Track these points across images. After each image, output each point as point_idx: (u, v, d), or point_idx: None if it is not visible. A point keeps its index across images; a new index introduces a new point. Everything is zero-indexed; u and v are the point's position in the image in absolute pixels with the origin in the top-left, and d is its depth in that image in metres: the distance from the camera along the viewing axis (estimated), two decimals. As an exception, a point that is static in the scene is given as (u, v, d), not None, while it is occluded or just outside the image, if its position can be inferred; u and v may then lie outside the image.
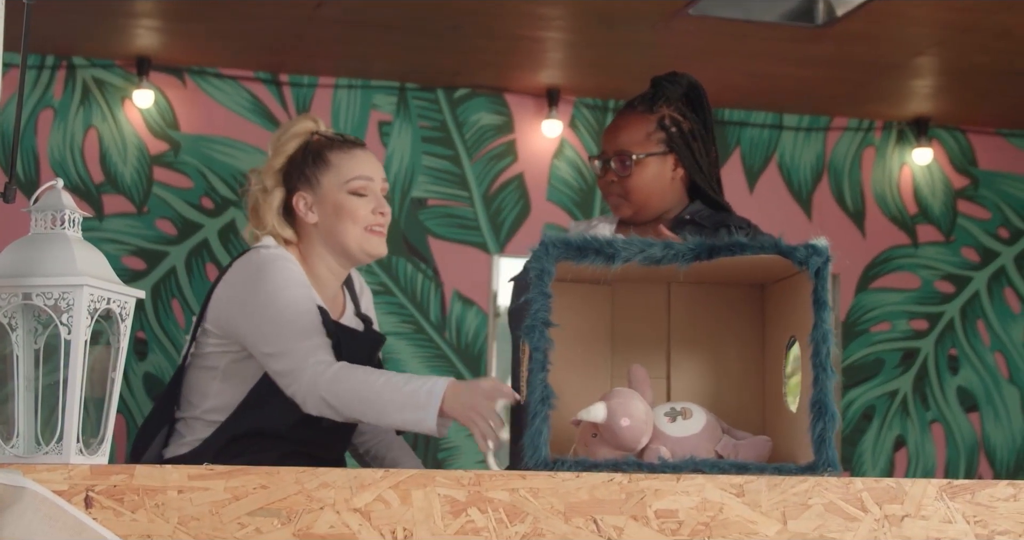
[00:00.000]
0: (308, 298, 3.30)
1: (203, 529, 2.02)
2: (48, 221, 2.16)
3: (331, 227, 3.42)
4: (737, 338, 2.65)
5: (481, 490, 2.12)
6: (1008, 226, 5.91)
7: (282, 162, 3.47)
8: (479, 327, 5.37)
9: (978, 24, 4.63)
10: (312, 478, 2.07)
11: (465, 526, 2.11)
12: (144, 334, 5.06)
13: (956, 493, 2.28)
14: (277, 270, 3.31)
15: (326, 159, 3.44)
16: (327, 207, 3.42)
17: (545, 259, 2.33)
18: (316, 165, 3.43)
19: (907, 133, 5.83)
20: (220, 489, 2.04)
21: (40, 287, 2.08)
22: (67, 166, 5.11)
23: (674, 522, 2.18)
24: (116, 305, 2.14)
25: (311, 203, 3.43)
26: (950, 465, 5.73)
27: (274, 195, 3.45)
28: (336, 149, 3.45)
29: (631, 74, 5.30)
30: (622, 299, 2.65)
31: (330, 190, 3.42)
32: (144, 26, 4.82)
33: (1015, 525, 2.29)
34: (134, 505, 2.01)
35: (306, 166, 3.44)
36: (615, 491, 2.17)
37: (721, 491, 2.20)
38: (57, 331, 2.08)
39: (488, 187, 5.45)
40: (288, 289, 3.29)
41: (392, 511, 2.08)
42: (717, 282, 2.63)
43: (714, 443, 2.45)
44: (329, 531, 2.06)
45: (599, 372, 2.65)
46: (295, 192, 3.44)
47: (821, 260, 2.36)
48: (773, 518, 2.21)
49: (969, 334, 5.83)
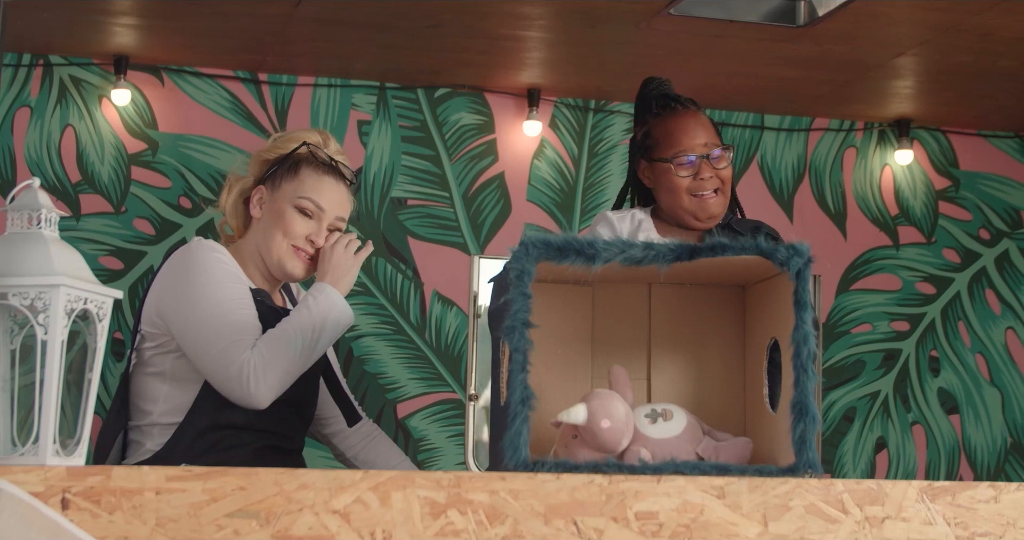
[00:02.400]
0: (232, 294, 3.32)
1: (181, 531, 2.01)
2: (24, 220, 2.14)
3: (264, 228, 3.45)
4: (718, 339, 2.64)
5: (461, 491, 2.11)
6: (989, 227, 5.91)
7: (270, 156, 3.51)
8: (459, 328, 5.37)
9: (959, 25, 4.63)
10: (291, 479, 2.06)
11: (445, 528, 2.10)
12: (121, 334, 5.04)
13: (937, 495, 2.28)
14: (205, 267, 3.33)
15: (298, 171, 3.47)
16: (272, 210, 3.45)
17: (525, 259, 2.32)
18: (287, 171, 3.47)
19: (888, 134, 5.84)
20: (198, 490, 2.03)
21: (16, 287, 2.06)
22: (44, 165, 5.08)
23: (654, 524, 2.17)
24: (93, 305, 2.13)
25: (263, 200, 3.47)
26: (931, 467, 5.74)
27: (246, 180, 3.52)
28: (313, 167, 3.47)
29: (612, 74, 5.30)
30: (603, 300, 2.64)
31: (282, 197, 3.44)
32: (122, 24, 4.80)
33: (995, 527, 2.28)
34: (111, 507, 1.99)
35: (280, 167, 3.46)
36: (595, 493, 2.16)
37: (702, 493, 2.19)
38: (33, 332, 2.06)
39: (468, 187, 5.44)
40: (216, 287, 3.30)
41: (371, 513, 2.07)
42: (698, 283, 2.62)
43: (695, 445, 2.45)
44: (308, 532, 2.05)
45: (579, 373, 2.64)
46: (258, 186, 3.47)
47: (802, 261, 2.35)
48: (754, 520, 2.20)
49: (950, 336, 5.83)
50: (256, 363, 3.20)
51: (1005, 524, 2.29)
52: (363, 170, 5.37)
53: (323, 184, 3.45)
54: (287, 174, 3.45)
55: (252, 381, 3.20)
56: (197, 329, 3.27)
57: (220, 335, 3.24)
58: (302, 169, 3.45)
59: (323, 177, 3.46)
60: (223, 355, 3.23)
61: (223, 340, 3.24)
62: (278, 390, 3.23)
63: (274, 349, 3.22)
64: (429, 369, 5.34)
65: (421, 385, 5.35)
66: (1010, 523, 2.29)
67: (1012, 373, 5.86)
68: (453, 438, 5.33)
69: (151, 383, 3.37)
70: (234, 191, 3.51)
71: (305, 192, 3.43)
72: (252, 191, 3.48)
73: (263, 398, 3.22)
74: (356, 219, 5.28)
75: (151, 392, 3.37)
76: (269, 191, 3.45)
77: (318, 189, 3.44)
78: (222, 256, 3.36)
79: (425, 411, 5.34)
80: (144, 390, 3.38)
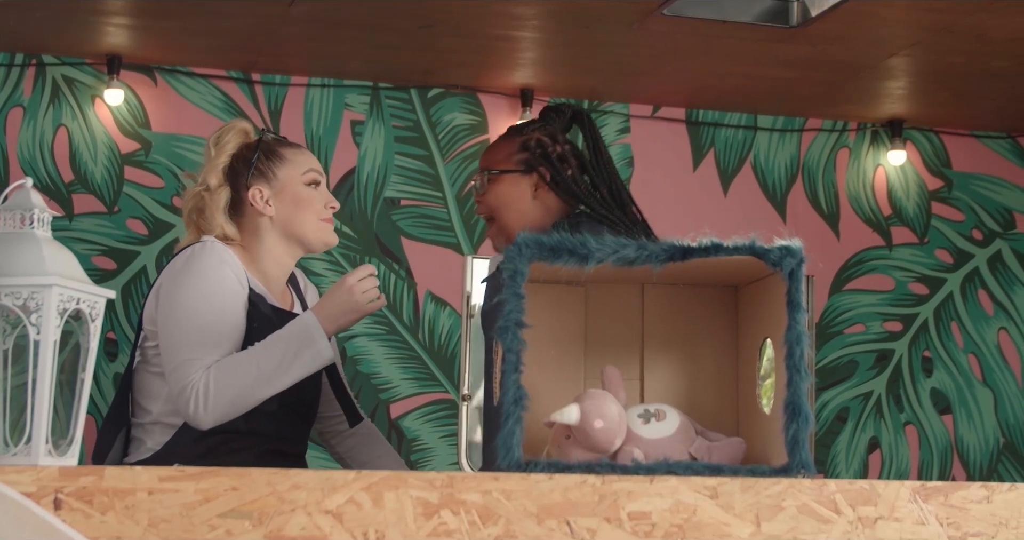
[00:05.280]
0: (213, 307, 3.30)
1: (173, 531, 2.00)
2: (17, 220, 2.14)
3: (290, 217, 3.44)
4: (711, 339, 2.64)
5: (454, 492, 2.11)
6: (982, 228, 5.92)
7: (225, 161, 3.47)
8: (452, 328, 5.37)
9: (952, 25, 4.63)
10: (284, 480, 2.06)
11: (438, 528, 2.09)
12: (114, 334, 5.03)
13: (929, 495, 2.28)
14: (198, 273, 3.31)
15: (280, 154, 3.48)
16: (285, 198, 3.45)
17: (518, 259, 2.32)
18: (270, 160, 3.46)
19: (881, 134, 5.84)
20: (191, 491, 2.02)
21: (8, 287, 2.06)
22: (36, 165, 5.08)
23: (647, 524, 2.17)
24: (86, 305, 2.12)
25: (268, 196, 3.44)
26: (923, 467, 5.74)
27: (219, 194, 3.45)
28: (285, 146, 3.52)
29: (605, 74, 5.30)
30: (596, 300, 2.64)
31: (288, 182, 3.45)
32: (115, 24, 4.80)
33: (988, 527, 2.28)
34: (104, 507, 1.99)
35: (259, 162, 3.45)
36: (588, 493, 2.16)
37: (695, 493, 2.19)
38: (26, 332, 2.06)
39: (462, 187, 5.44)
40: (198, 298, 3.29)
41: (364, 513, 2.07)
42: (691, 283, 2.62)
43: (688, 445, 2.45)
44: (301, 533, 2.05)
45: (572, 373, 2.63)
46: (248, 187, 3.44)
47: (795, 261, 2.35)
48: (746, 520, 2.20)
49: (943, 336, 5.84)
50: (201, 387, 3.19)
51: (998, 524, 2.29)
52: (356, 170, 5.37)
53: (304, 153, 3.52)
54: (272, 162, 3.46)
55: (192, 404, 3.19)
56: (167, 337, 3.27)
57: (181, 349, 3.24)
58: (280, 151, 3.48)
59: (299, 149, 3.53)
60: (176, 370, 3.23)
61: (182, 355, 3.23)
62: (222, 416, 3.22)
63: (226, 375, 3.20)
64: (422, 369, 5.34)
65: (414, 385, 5.35)
66: (1002, 523, 2.29)
67: (1004, 373, 5.86)
68: (446, 438, 5.33)
69: (154, 382, 3.37)
70: (219, 208, 3.44)
71: (303, 166, 3.48)
72: (248, 194, 3.45)
73: (202, 422, 3.22)
74: (350, 219, 5.28)
75: (153, 390, 3.36)
76: (267, 185, 3.44)
77: (307, 159, 3.51)
78: (224, 263, 3.33)
79: (418, 411, 5.34)
80: (146, 388, 3.38)
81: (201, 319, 3.26)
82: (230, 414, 3.22)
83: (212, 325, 3.27)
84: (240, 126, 3.53)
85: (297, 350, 3.23)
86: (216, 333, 3.27)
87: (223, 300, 3.30)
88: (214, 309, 3.28)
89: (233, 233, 3.44)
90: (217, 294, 3.29)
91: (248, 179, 3.45)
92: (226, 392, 3.19)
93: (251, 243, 3.45)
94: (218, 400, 3.19)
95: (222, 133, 3.52)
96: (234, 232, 3.44)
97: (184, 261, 3.34)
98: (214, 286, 3.29)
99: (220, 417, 3.21)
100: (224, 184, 3.46)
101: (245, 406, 3.22)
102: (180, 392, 3.21)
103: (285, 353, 3.21)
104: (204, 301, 3.28)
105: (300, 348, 3.23)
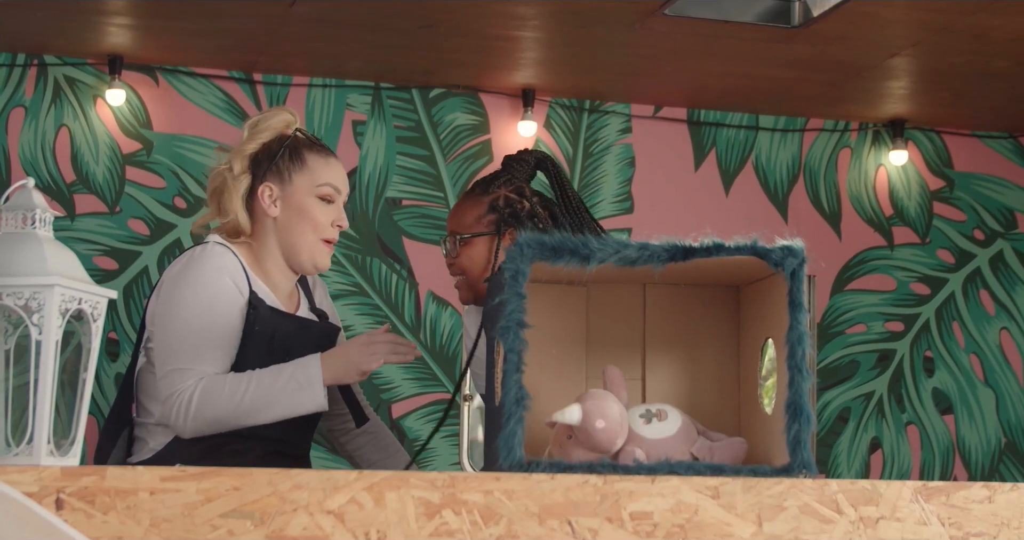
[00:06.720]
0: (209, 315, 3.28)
1: (175, 531, 2.00)
2: (19, 220, 2.14)
3: (289, 226, 3.36)
4: (712, 339, 2.64)
5: (455, 492, 2.11)
6: (983, 228, 5.92)
7: (254, 149, 3.38)
8: (454, 328, 5.36)
9: (953, 26, 4.64)
10: (285, 479, 2.06)
11: (439, 528, 2.09)
12: (116, 335, 5.03)
13: (931, 495, 2.28)
14: (197, 278, 3.28)
15: (303, 158, 3.37)
16: (291, 205, 3.36)
17: (520, 259, 2.32)
18: (292, 161, 3.37)
19: (883, 134, 5.84)
20: (192, 491, 2.02)
21: (10, 287, 2.06)
22: (38, 165, 5.08)
23: (649, 524, 2.17)
24: (88, 305, 2.12)
25: (276, 197, 3.36)
26: (925, 467, 5.74)
27: (241, 181, 3.37)
28: (314, 151, 3.39)
29: (607, 74, 5.30)
30: (597, 300, 2.64)
31: (299, 189, 3.36)
32: (116, 24, 4.80)
33: (989, 527, 2.28)
34: (105, 507, 1.99)
35: (280, 159, 3.38)
36: (590, 493, 2.16)
37: (696, 493, 2.19)
38: (28, 332, 2.06)
39: (463, 187, 5.43)
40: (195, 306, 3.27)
41: (366, 513, 2.07)
42: (692, 283, 2.62)
43: (689, 445, 2.45)
44: (302, 533, 2.05)
45: (574, 373, 2.63)
46: (262, 182, 3.38)
47: (796, 261, 2.35)
48: (748, 520, 2.20)
49: (944, 336, 5.84)
50: (186, 399, 3.18)
51: (999, 524, 2.29)
52: (358, 170, 5.37)
53: (330, 165, 3.39)
54: (293, 165, 3.36)
55: (174, 413, 3.19)
56: (161, 343, 3.26)
57: (173, 357, 3.22)
58: (305, 155, 3.38)
59: (327, 158, 3.40)
60: (166, 377, 3.22)
61: (173, 363, 3.21)
62: (201, 432, 3.20)
63: (211, 397, 3.18)
64: (423, 369, 5.34)
65: (415, 385, 5.35)
66: (1004, 523, 2.29)
67: (1006, 373, 5.86)
68: (448, 438, 5.33)
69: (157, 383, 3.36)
70: (238, 195, 3.37)
71: (321, 179, 3.36)
72: (258, 189, 3.37)
73: (184, 432, 3.21)
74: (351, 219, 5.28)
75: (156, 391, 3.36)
76: (279, 186, 3.35)
77: (329, 171, 3.38)
78: (223, 270, 3.29)
79: (420, 411, 5.34)
80: (150, 389, 3.37)
81: (195, 329, 3.23)
82: (209, 432, 3.20)
83: (205, 335, 3.23)
84: (281, 116, 3.41)
85: (292, 392, 3.20)
86: (209, 343, 3.24)
87: (218, 310, 3.26)
88: (209, 319, 3.25)
89: (246, 223, 3.36)
90: (213, 304, 3.26)
91: (265, 174, 3.41)
92: (207, 412, 3.17)
93: (258, 240, 3.39)
94: (198, 417, 3.18)
95: (262, 119, 3.42)
96: (247, 223, 3.36)
97: (184, 264, 3.30)
98: (210, 295, 3.26)
99: (199, 433, 3.21)
100: (247, 172, 3.37)
101: (224, 428, 3.20)
102: (167, 398, 3.20)
103: (272, 394, 3.19)
104: (199, 310, 3.24)
105: (295, 390, 3.20)
